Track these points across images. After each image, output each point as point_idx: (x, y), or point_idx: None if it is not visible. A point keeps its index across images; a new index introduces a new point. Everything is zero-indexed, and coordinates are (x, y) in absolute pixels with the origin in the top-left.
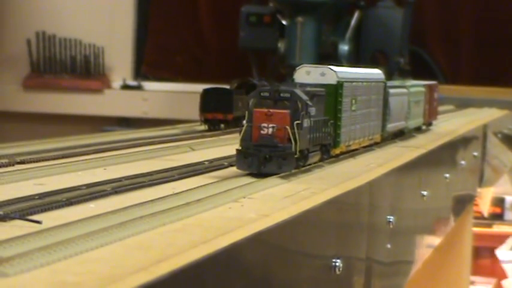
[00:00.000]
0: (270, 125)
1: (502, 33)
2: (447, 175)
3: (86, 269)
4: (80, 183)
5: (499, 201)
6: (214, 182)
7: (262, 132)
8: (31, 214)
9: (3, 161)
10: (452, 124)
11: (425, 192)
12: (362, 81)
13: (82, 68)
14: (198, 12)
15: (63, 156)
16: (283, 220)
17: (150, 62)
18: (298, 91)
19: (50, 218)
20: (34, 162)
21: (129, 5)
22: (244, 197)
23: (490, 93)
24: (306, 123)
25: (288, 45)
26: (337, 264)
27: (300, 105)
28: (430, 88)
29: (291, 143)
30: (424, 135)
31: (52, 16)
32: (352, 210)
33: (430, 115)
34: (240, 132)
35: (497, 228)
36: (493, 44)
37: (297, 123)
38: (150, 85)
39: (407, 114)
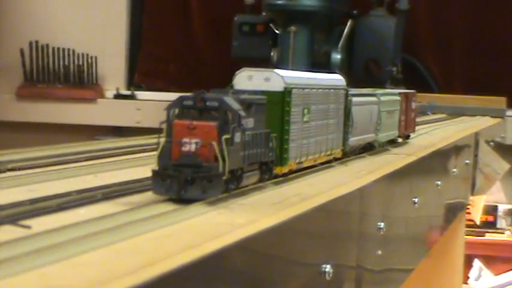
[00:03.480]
0: (193, 140)
1: (495, 42)
2: (439, 182)
3: (75, 273)
4: (70, 190)
5: (492, 209)
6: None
7: (183, 149)
8: (21, 219)
9: None
10: (434, 136)
11: (416, 199)
12: (317, 88)
13: (75, 78)
14: (191, 21)
15: (54, 163)
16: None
17: (143, 72)
18: (229, 99)
19: (40, 224)
20: (25, 169)
21: (122, 15)
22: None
23: (483, 102)
24: (238, 137)
25: (281, 54)
26: (326, 270)
27: (230, 116)
28: (407, 97)
29: (218, 161)
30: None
31: (45, 26)
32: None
33: (407, 127)
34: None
35: (490, 237)
36: (486, 52)
37: (226, 138)
38: (143, 94)
39: (377, 125)
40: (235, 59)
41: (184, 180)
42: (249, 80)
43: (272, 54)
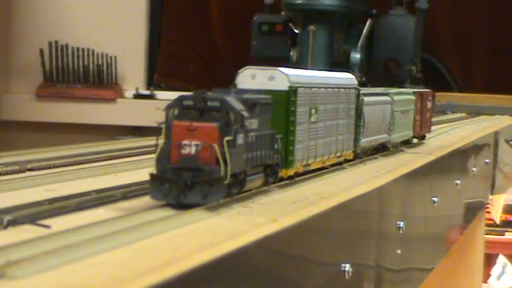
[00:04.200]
0: (193, 143)
1: None
2: (458, 182)
3: (94, 272)
4: (89, 189)
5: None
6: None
7: (183, 151)
8: (40, 219)
9: (14, 167)
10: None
11: (435, 199)
12: (325, 87)
13: (95, 78)
14: (210, 21)
15: (73, 163)
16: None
17: (163, 71)
18: (231, 99)
19: (59, 223)
20: (44, 169)
21: (142, 15)
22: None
23: (502, 101)
24: (241, 139)
25: (300, 54)
26: (346, 269)
27: (232, 117)
28: (422, 96)
29: (220, 165)
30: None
31: (65, 26)
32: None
33: (423, 127)
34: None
35: (510, 236)
36: (505, 51)
37: (228, 140)
38: (162, 94)
39: (390, 126)
40: (255, 58)
41: (183, 185)
42: (253, 79)
43: (291, 53)
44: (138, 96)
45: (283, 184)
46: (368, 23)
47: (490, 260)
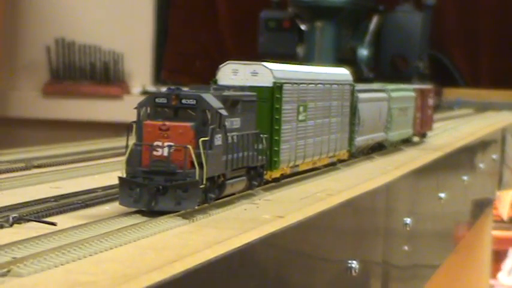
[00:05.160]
0: (166, 144)
1: None
2: (465, 178)
3: (100, 269)
4: (96, 186)
5: None
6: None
7: (155, 153)
8: (46, 216)
9: (21, 165)
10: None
11: (442, 195)
12: (315, 83)
13: (101, 74)
14: (217, 17)
15: (79, 160)
16: None
17: (170, 68)
18: (209, 96)
19: (65, 220)
20: (51, 166)
21: (149, 12)
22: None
23: (510, 97)
24: (220, 139)
25: (307, 50)
26: (353, 265)
27: (209, 116)
28: (423, 93)
29: (195, 168)
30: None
31: (71, 23)
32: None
33: (423, 125)
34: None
35: None
36: None
37: (204, 141)
38: None
39: (387, 123)
40: (262, 55)
41: (155, 190)
42: (235, 74)
43: (298, 50)
44: (144, 93)
45: (290, 181)
46: (375, 19)
47: (498, 256)
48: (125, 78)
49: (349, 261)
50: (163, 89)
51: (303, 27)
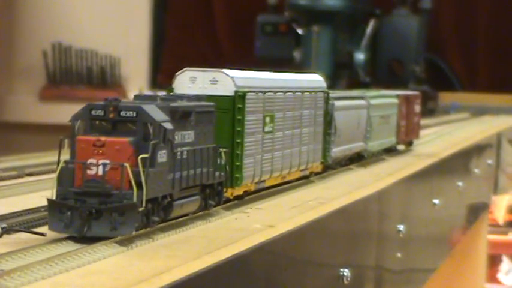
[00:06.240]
0: (101, 162)
1: None
2: (460, 183)
3: (88, 282)
4: None
5: None
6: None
7: (88, 172)
8: (36, 227)
9: (12, 173)
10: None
11: (436, 201)
12: (284, 91)
13: (98, 79)
14: (214, 21)
15: None
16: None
17: (167, 71)
18: (151, 108)
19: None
20: (43, 174)
21: (145, 16)
22: None
23: (506, 101)
24: (165, 156)
25: (304, 54)
26: (345, 273)
27: (151, 130)
28: (408, 99)
29: (133, 188)
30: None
31: (68, 27)
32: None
33: (409, 132)
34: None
35: None
36: (509, 51)
37: (144, 158)
38: None
39: (366, 132)
40: (259, 59)
41: (88, 214)
42: (192, 82)
43: (295, 54)
44: (137, 96)
45: (281, 189)
46: (372, 23)
47: (494, 260)
48: (121, 82)
49: (341, 270)
50: (149, 93)
51: (299, 31)
